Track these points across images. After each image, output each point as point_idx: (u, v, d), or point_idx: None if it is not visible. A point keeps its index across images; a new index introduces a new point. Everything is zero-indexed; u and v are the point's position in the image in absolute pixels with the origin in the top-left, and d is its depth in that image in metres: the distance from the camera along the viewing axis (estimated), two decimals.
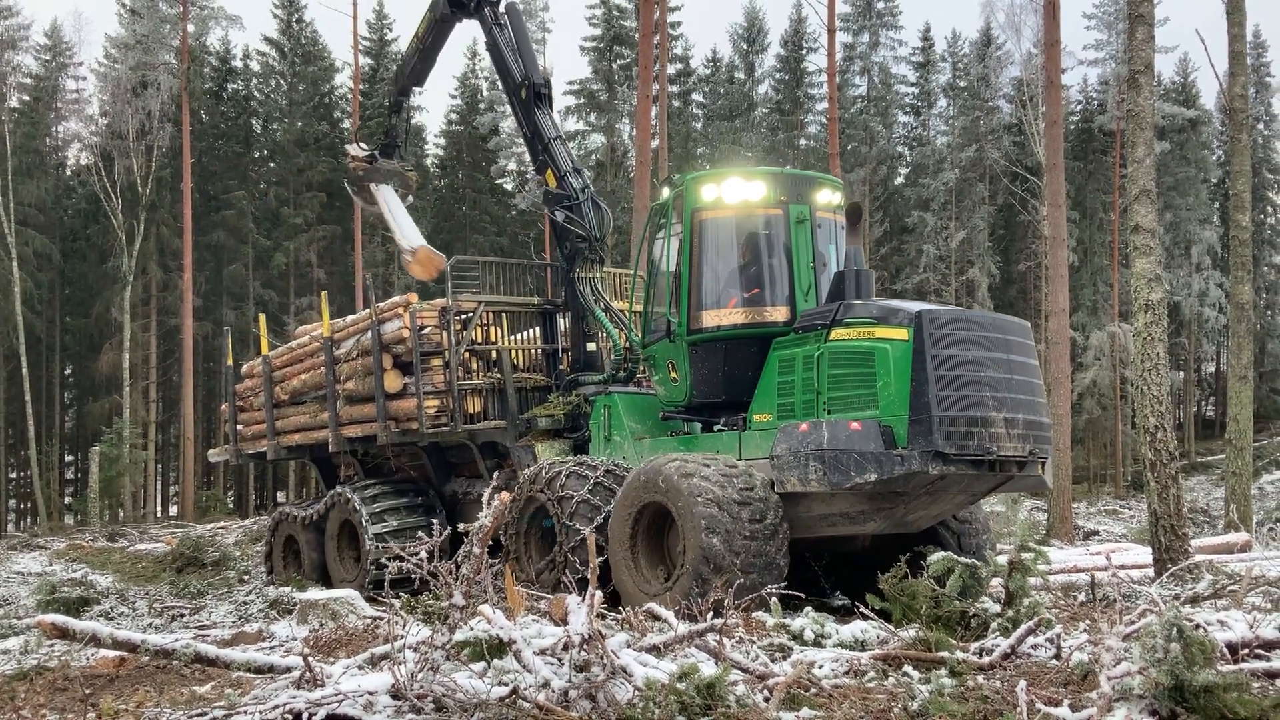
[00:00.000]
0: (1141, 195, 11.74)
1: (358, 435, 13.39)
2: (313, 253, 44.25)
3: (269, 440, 14.93)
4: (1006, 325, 9.62)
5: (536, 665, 4.31)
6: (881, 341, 8.99)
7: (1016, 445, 9.07)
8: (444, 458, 13.46)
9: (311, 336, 14.73)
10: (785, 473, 9.07)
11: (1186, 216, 44.61)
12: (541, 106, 13.09)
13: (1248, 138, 18.39)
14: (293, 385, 14.62)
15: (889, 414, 8.82)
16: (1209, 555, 13.14)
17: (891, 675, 5.33)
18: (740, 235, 10.51)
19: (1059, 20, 21.58)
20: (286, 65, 47.38)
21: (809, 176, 11.01)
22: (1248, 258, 17.27)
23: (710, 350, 10.33)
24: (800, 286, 10.20)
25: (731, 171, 10.68)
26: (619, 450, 11.14)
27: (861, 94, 50.24)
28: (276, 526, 14.88)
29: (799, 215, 10.28)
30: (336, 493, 13.54)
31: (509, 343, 12.93)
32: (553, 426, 12.13)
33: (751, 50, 52.28)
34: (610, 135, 46.35)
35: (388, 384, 12.72)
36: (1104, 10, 46.71)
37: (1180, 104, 46.39)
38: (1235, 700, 4.15)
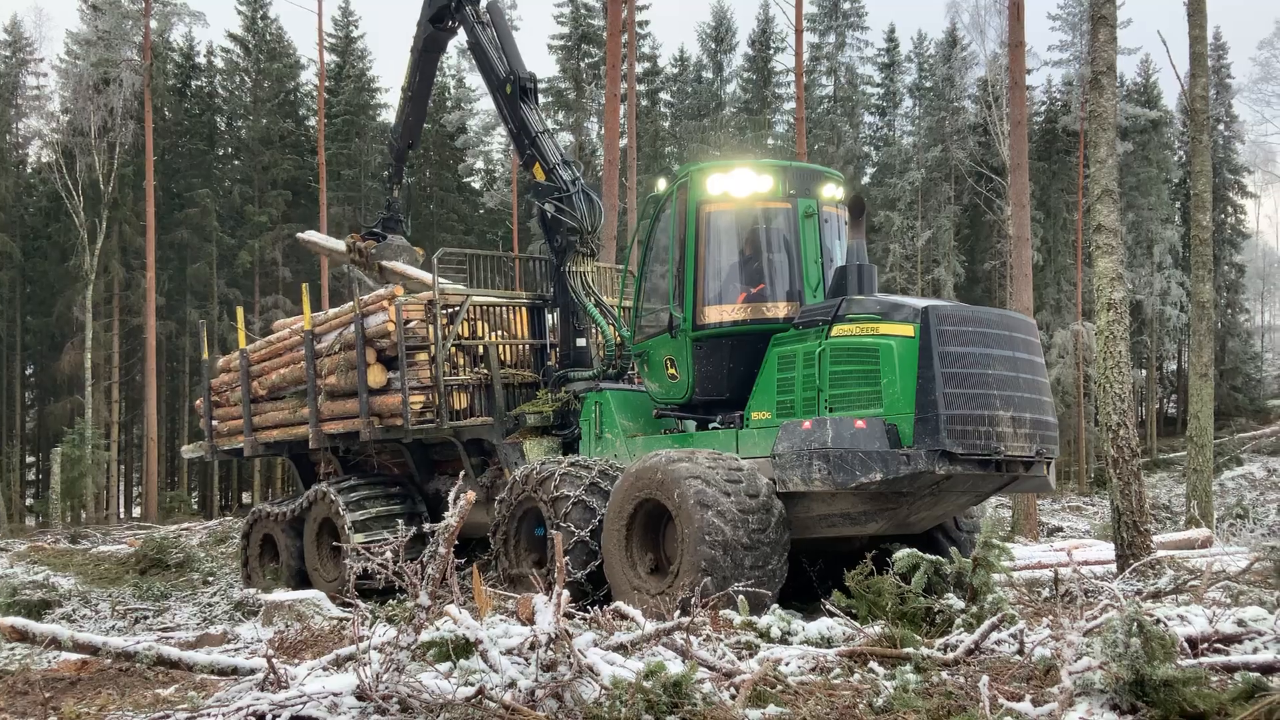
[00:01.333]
0: (1104, 195, 11.84)
1: (339, 431, 13.09)
2: (278, 251, 43.92)
3: (246, 436, 14.59)
4: (1012, 322, 9.43)
5: (503, 665, 4.30)
6: (886, 338, 8.79)
7: (1024, 445, 8.89)
8: (427, 455, 13.22)
9: (291, 330, 14.38)
10: (787, 472, 8.87)
11: (1149, 216, 45.13)
12: (528, 101, 12.90)
13: (1208, 138, 18.61)
14: (271, 380, 14.30)
15: (893, 412, 8.62)
16: (1171, 551, 13.29)
17: (857, 672, 5.35)
18: (749, 229, 10.25)
19: (1023, 21, 21.74)
20: (251, 62, 47.00)
21: (814, 170, 10.77)
22: (1209, 257, 17.47)
23: (716, 347, 10.08)
24: (809, 282, 9.99)
25: (738, 163, 10.41)
26: (610, 448, 10.94)
27: (828, 94, 50.48)
28: (253, 525, 14.53)
29: (807, 209, 10.08)
30: (317, 490, 13.27)
31: (495, 338, 12.68)
32: (541, 424, 11.90)
33: (719, 50, 52.41)
34: (578, 134, 46.31)
35: (371, 379, 12.45)
36: (1068, 11, 47.19)
37: (1143, 105, 46.92)
38: (1195, 694, 4.21)
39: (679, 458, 9.02)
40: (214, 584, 14.87)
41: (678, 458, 9.02)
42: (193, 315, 42.68)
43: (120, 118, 38.52)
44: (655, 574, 9.19)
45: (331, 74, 46.94)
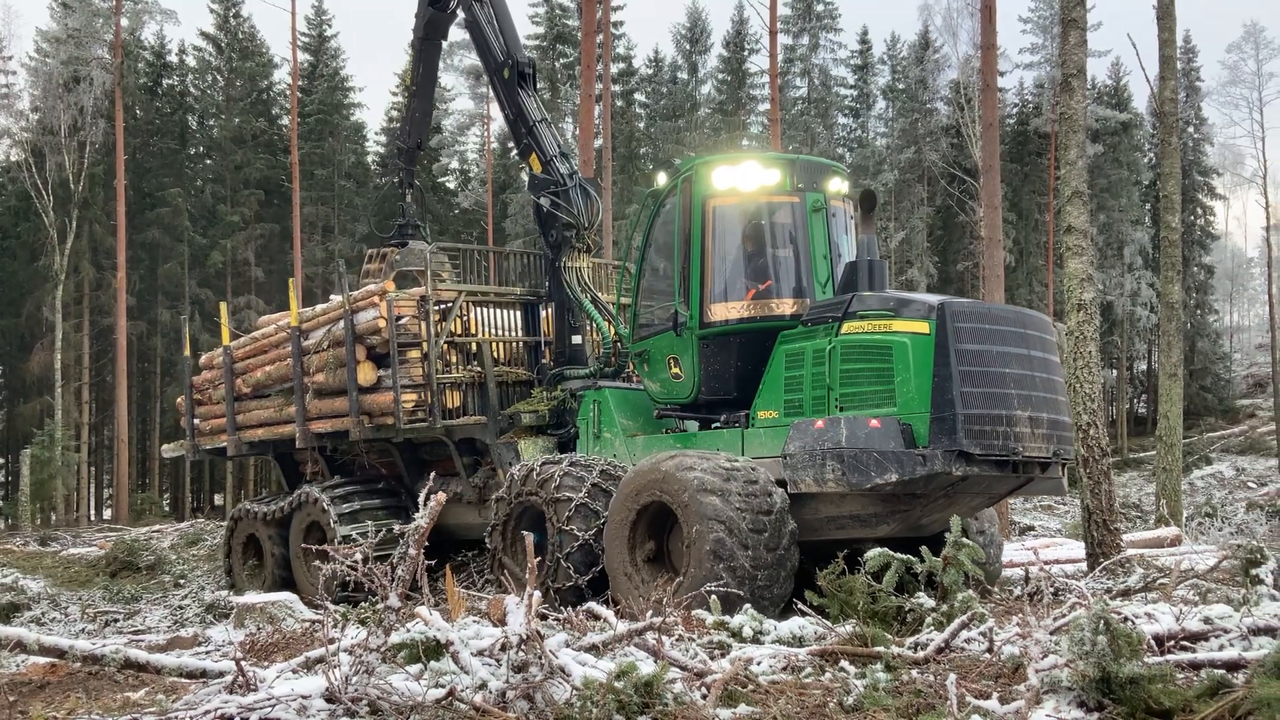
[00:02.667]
0: (1074, 197, 11.95)
1: (327, 430, 12.81)
2: (250, 251, 43.65)
3: (230, 435, 14.27)
4: (1027, 319, 9.18)
5: (474, 666, 4.29)
6: (899, 335, 8.55)
7: (1041, 445, 8.68)
8: (417, 454, 12.95)
9: (278, 326, 14.07)
10: (799, 472, 8.61)
11: (1119, 218, 45.52)
12: (525, 88, 12.59)
13: (1177, 140, 18.80)
14: (256, 378, 13.99)
15: (908, 411, 8.38)
16: (1141, 549, 13.42)
17: (828, 670, 5.37)
18: (757, 224, 10.02)
19: (995, 24, 21.87)
20: (223, 61, 46.70)
21: (821, 163, 10.55)
22: (1178, 258, 17.65)
23: (723, 345, 9.84)
24: (818, 278, 9.80)
25: (745, 156, 10.22)
26: (609, 448, 10.67)
27: (802, 95, 50.64)
28: (236, 525, 14.23)
29: (815, 203, 9.86)
30: (304, 492, 12.98)
31: (489, 335, 12.43)
32: (536, 423, 11.67)
33: (694, 51, 52.46)
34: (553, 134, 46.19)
35: (361, 377, 12.17)
36: (1039, 14, 47.53)
37: (1113, 107, 47.32)
38: (1160, 691, 4.24)
39: (690, 465, 8.70)
40: (185, 586, 14.74)
41: (688, 464, 8.71)
42: (164, 316, 42.35)
43: (91, 116, 38.17)
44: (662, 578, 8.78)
45: (304, 73, 46.69)
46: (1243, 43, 48.37)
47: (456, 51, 46.81)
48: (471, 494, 12.02)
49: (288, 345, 13.34)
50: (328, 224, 45.70)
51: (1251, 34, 48.27)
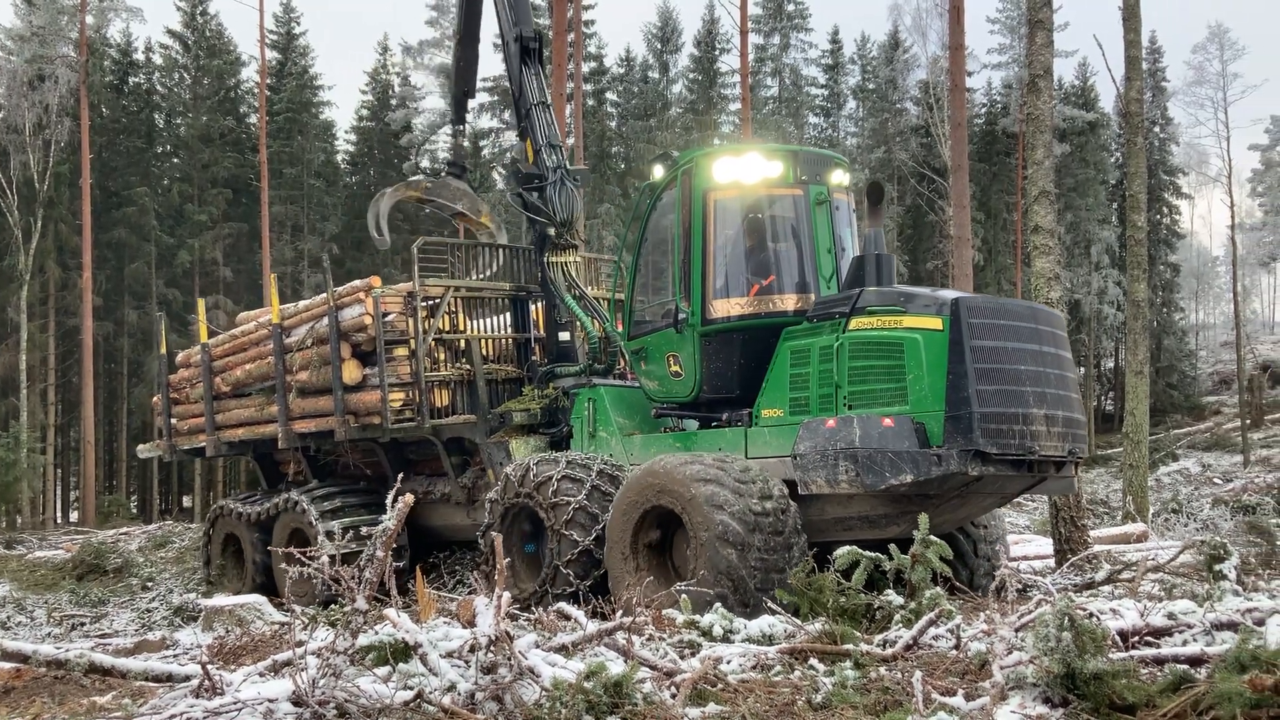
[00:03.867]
0: (1041, 196, 12.05)
1: (311, 430, 12.47)
2: (218, 250, 43.29)
3: (208, 435, 13.91)
4: (1039, 314, 8.95)
5: (442, 668, 4.28)
6: (911, 331, 8.31)
7: (1057, 444, 8.49)
8: (402, 455, 12.66)
9: (258, 323, 13.72)
10: (810, 473, 8.36)
11: (1086, 217, 45.91)
12: (529, 64, 12.23)
13: (1143, 140, 18.97)
14: (236, 376, 13.65)
15: (921, 410, 8.15)
16: (1108, 545, 13.55)
17: (797, 668, 5.39)
18: (759, 217, 9.77)
19: (963, 25, 22.04)
20: (190, 59, 46.28)
21: (823, 155, 10.32)
22: (1143, 257, 17.80)
23: (725, 342, 9.58)
24: (822, 273, 9.56)
25: (746, 148, 10.01)
26: (605, 447, 10.39)
27: (773, 95, 50.79)
28: (215, 522, 13.92)
29: (818, 195, 9.61)
30: (287, 498, 12.67)
31: (478, 332, 12.16)
32: (528, 422, 11.41)
33: (665, 50, 52.48)
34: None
35: (346, 375, 11.85)
36: (1006, 15, 47.87)
37: (1080, 107, 47.73)
38: (1124, 687, 4.29)
39: (695, 468, 8.47)
40: (153, 589, 14.61)
41: (693, 467, 8.49)
42: (130, 316, 41.94)
43: (55, 115, 37.73)
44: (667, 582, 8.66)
45: (273, 71, 46.34)
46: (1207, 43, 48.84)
47: (426, 50, 46.70)
48: (460, 495, 11.79)
49: (269, 343, 13.02)
50: (297, 223, 45.39)
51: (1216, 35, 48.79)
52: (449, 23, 45.99)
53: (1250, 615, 5.61)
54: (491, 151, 49.50)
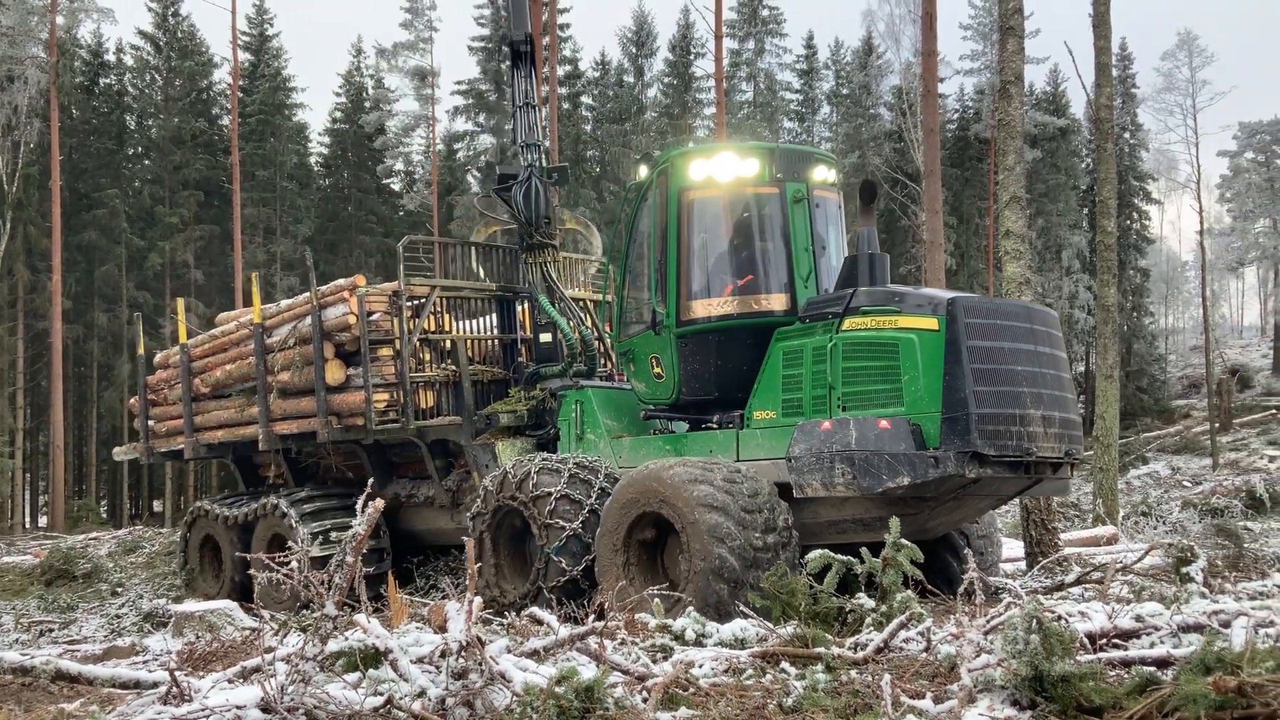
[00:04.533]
0: (1012, 202, 12.14)
1: (292, 432, 12.24)
2: (190, 253, 42.99)
3: (187, 437, 13.62)
4: (1034, 314, 8.87)
5: (413, 674, 4.26)
6: (906, 332, 8.23)
7: (1053, 445, 8.43)
8: (385, 457, 12.48)
9: (239, 323, 13.47)
10: (806, 476, 8.27)
11: (1057, 222, 46.28)
12: (520, 66, 12.11)
13: (1113, 146, 19.14)
14: (215, 377, 13.38)
15: (917, 411, 8.07)
16: (1078, 548, 13.65)
17: (769, 672, 5.40)
18: (734, 216, 9.66)
19: (936, 31, 22.14)
20: (162, 60, 45.96)
21: (803, 151, 10.18)
22: (1113, 262, 17.96)
23: (701, 343, 9.49)
24: (799, 272, 9.38)
25: (722, 146, 9.91)
26: (593, 449, 10.30)
27: (748, 99, 50.95)
28: (193, 524, 13.66)
29: (796, 194, 9.45)
30: (268, 502, 12.42)
31: (463, 332, 12.00)
32: (514, 423, 11.27)
33: (640, 54, 52.57)
34: (500, 136, 46.07)
35: (329, 376, 11.63)
36: (979, 22, 48.22)
37: (1051, 113, 48.12)
38: (1091, 689, 4.33)
39: (687, 472, 8.38)
40: (123, 595, 14.47)
41: (678, 465, 8.42)
42: (101, 319, 41.58)
43: (25, 116, 37.37)
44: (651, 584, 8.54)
45: (245, 73, 46.08)
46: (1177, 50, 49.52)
47: (400, 53, 46.57)
48: (444, 498, 11.67)
49: (249, 343, 12.80)
50: (269, 225, 45.11)
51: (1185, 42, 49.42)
52: (422, 25, 45.94)
53: (1216, 618, 5.67)
54: (466, 154, 49.44)
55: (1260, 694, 3.90)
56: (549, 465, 9.62)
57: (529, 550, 9.81)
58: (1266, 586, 8.62)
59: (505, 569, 9.93)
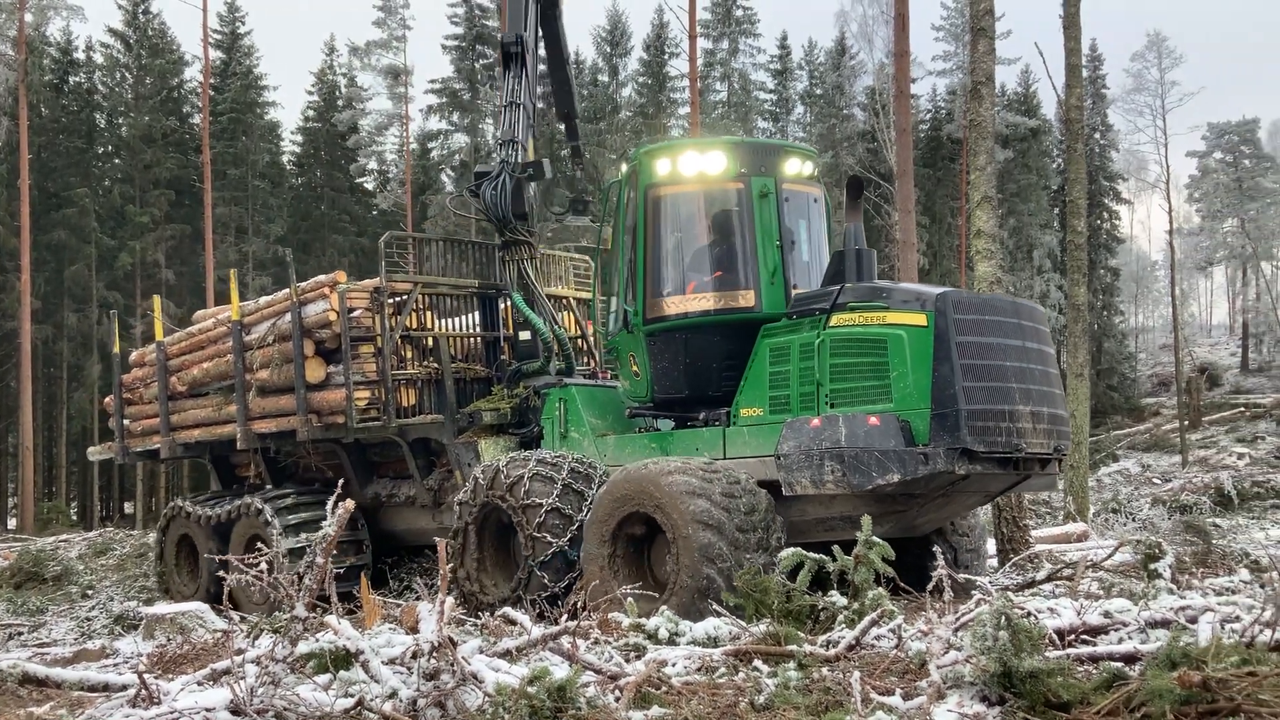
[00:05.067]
0: (983, 202, 12.22)
1: (271, 431, 12.04)
2: (160, 252, 42.61)
3: (163, 436, 13.38)
4: (1021, 309, 8.87)
5: (384, 675, 4.25)
6: (895, 328, 8.19)
7: (1043, 441, 8.41)
8: (365, 456, 12.29)
9: (217, 320, 13.25)
10: (795, 474, 8.19)
11: (1028, 221, 46.60)
12: (511, 67, 11.94)
13: (1083, 147, 19.31)
14: (192, 375, 13.17)
15: (905, 407, 8.03)
16: (1049, 545, 13.76)
17: (742, 670, 5.42)
18: (698, 213, 9.63)
19: (908, 32, 22.23)
20: (132, 58, 45.54)
21: (774, 145, 10.11)
22: (1083, 261, 18.11)
23: (669, 342, 9.46)
24: (765, 267, 9.28)
25: (687, 142, 9.84)
26: (577, 448, 10.15)
27: (722, 99, 51.01)
28: (169, 523, 13.40)
29: (762, 188, 9.34)
30: (246, 503, 12.19)
31: (445, 329, 11.84)
32: (498, 421, 11.10)
33: (615, 53, 52.51)
34: (474, 135, 45.98)
35: (309, 373, 11.44)
36: (950, 23, 48.47)
37: (1022, 114, 48.45)
38: (1060, 685, 4.37)
39: (674, 471, 8.30)
40: (93, 597, 14.34)
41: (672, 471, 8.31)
42: (70, 319, 41.17)
43: None
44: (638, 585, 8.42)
45: (217, 71, 45.72)
46: (1146, 52, 49.92)
47: (373, 51, 46.36)
48: (425, 497, 11.54)
49: (228, 340, 12.58)
50: (241, 225, 44.81)
51: (1154, 43, 49.85)
52: (396, 23, 45.73)
53: (1184, 613, 5.73)
54: (440, 153, 49.27)
55: (1224, 688, 3.96)
56: (543, 472, 9.43)
57: (513, 549, 9.71)
58: (1233, 582, 8.73)
59: (488, 565, 9.80)
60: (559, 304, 12.67)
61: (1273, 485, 21.77)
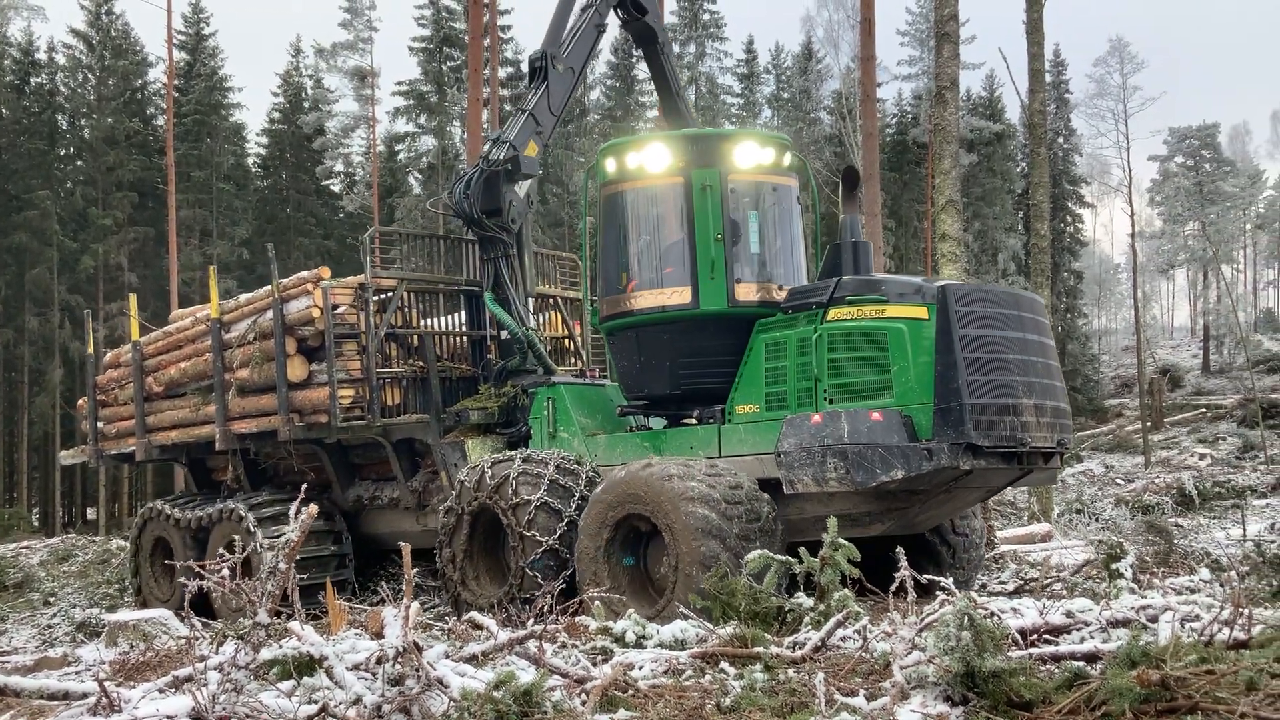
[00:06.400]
0: (948, 205, 12.35)
1: (252, 431, 11.78)
2: (123, 255, 42.16)
3: (138, 439, 13.08)
4: (1021, 300, 8.71)
5: (348, 681, 4.23)
6: (895, 321, 8.04)
7: (1046, 435, 8.29)
8: (346, 458, 12.10)
9: (195, 319, 12.97)
10: (796, 471, 8.02)
11: (993, 225, 46.99)
12: (535, 79, 11.84)
13: (1046, 151, 19.50)
14: (169, 375, 12.90)
15: (907, 402, 7.89)
16: (1014, 545, 13.90)
17: (708, 673, 5.42)
18: (642, 210, 9.57)
19: (874, 36, 22.40)
20: (95, 59, 45.03)
21: (724, 135, 9.86)
22: (1047, 264, 18.29)
23: (624, 340, 9.43)
24: (703, 263, 9.06)
25: (633, 140, 9.79)
26: (567, 447, 9.99)
27: (690, 103, 51.13)
28: (145, 526, 13.12)
29: (704, 181, 9.12)
30: (227, 507, 11.93)
31: (431, 327, 11.70)
32: (484, 420, 10.95)
33: None
34: (441, 138, 45.83)
35: (291, 372, 11.21)
36: (916, 28, 48.81)
37: (987, 118, 48.85)
38: (1022, 684, 4.40)
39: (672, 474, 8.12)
40: (55, 604, 14.17)
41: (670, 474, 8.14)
42: (32, 323, 40.65)
43: None
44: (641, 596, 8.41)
45: (181, 72, 45.31)
46: (1108, 57, 50.31)
47: (339, 53, 46.10)
48: (409, 499, 11.36)
49: (206, 339, 12.30)
50: (205, 227, 44.40)
51: (1117, 48, 50.28)
52: (362, 25, 45.51)
53: (1144, 613, 5.80)
54: (408, 155, 49.07)
55: (1183, 686, 4.00)
56: (529, 470, 9.30)
57: (504, 553, 9.58)
58: (1194, 582, 8.82)
59: (480, 568, 9.66)
60: (546, 303, 12.57)
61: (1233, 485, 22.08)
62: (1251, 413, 34.98)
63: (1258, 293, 77.53)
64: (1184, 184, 57.07)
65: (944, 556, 9.67)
